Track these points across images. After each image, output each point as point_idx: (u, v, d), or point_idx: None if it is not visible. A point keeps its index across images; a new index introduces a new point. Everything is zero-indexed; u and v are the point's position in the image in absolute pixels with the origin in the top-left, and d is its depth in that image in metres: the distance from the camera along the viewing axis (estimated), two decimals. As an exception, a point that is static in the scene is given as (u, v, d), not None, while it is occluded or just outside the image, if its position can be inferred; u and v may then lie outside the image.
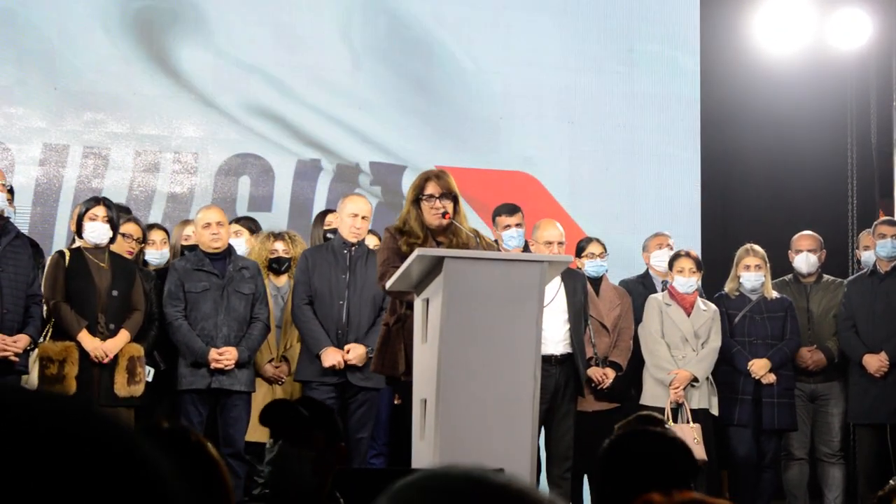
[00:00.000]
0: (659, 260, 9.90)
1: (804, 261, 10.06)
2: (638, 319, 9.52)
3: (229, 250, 8.86)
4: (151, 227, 9.57)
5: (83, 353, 8.25)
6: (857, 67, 12.14)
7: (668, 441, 3.75)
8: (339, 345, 8.66)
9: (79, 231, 8.51)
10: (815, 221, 10.69)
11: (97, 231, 8.43)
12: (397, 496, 1.53)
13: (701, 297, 9.59)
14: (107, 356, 8.27)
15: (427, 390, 6.53)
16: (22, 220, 10.04)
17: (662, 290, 9.65)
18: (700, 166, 11.82)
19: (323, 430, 4.48)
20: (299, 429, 4.44)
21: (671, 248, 9.84)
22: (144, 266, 9.11)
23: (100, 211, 8.46)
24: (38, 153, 10.57)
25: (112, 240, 8.55)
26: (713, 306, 9.53)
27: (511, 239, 9.25)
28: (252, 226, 9.71)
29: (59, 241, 9.99)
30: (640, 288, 9.83)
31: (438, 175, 7.40)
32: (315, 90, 11.11)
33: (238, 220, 9.72)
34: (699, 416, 9.24)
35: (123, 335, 8.39)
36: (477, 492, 1.52)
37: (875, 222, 10.16)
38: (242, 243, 9.37)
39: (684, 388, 9.24)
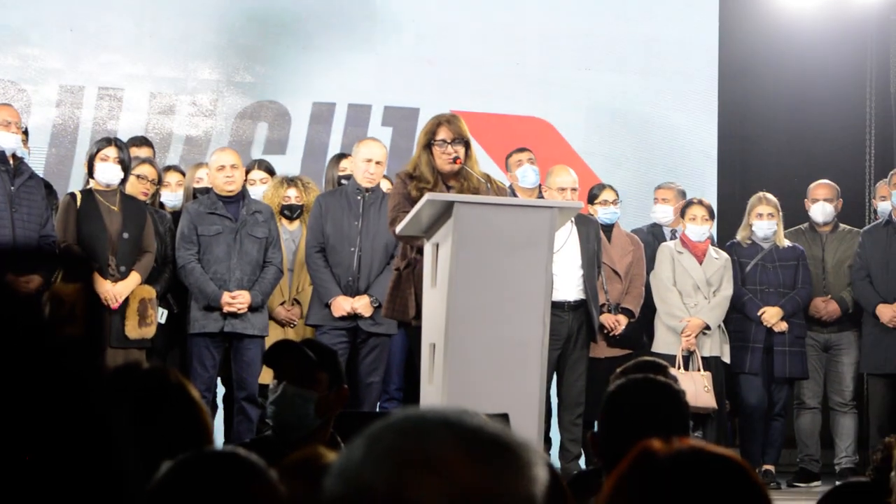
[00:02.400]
0: (662, 213, 9.89)
1: (820, 210, 10.02)
2: (648, 267, 9.51)
3: (243, 193, 8.84)
4: (168, 168, 9.55)
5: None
6: (878, 17, 12.04)
7: (660, 389, 3.78)
8: (350, 292, 8.66)
9: (90, 172, 8.52)
10: (833, 171, 10.64)
11: (108, 172, 8.43)
12: (373, 436, 1.54)
13: (713, 245, 9.58)
14: (117, 300, 8.29)
15: (436, 335, 6.54)
16: (38, 162, 10.07)
17: (671, 240, 9.64)
18: (717, 115, 11.76)
19: (326, 371, 4.52)
20: (303, 370, 4.47)
21: (676, 201, 9.82)
22: (161, 208, 9.11)
23: (111, 152, 8.45)
24: (54, 94, 10.58)
25: (124, 181, 8.55)
26: (725, 254, 9.52)
27: (525, 176, 9.26)
28: (271, 168, 9.69)
29: (75, 182, 9.99)
30: (650, 237, 9.83)
31: (450, 120, 7.37)
32: (331, 35, 11.06)
33: (258, 164, 9.66)
34: (710, 364, 9.25)
35: (134, 277, 8.41)
36: (447, 433, 1.52)
37: (891, 172, 10.11)
38: (260, 192, 9.31)
39: (696, 336, 9.25)
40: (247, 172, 9.18)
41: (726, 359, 9.41)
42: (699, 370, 9.14)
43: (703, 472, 2.02)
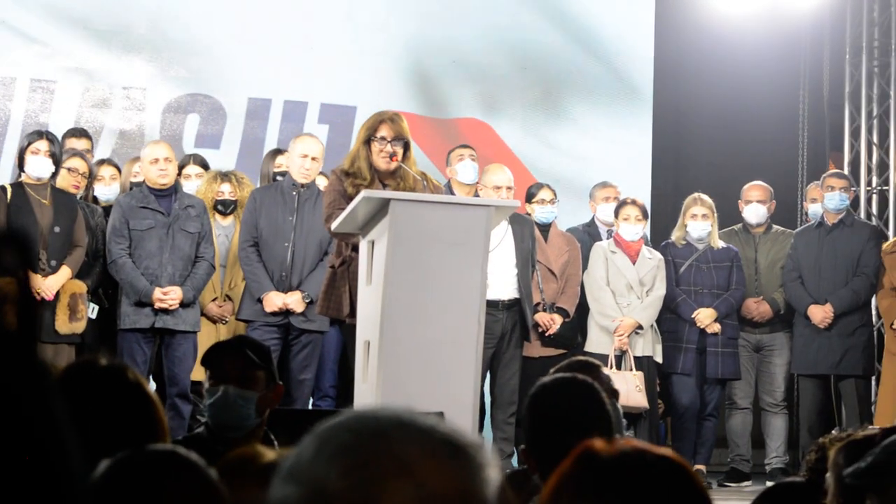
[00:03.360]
0: (605, 213, 9.90)
1: (754, 211, 10.09)
2: (584, 267, 9.53)
3: (175, 187, 8.77)
4: (102, 162, 9.45)
5: (23, 290, 8.16)
6: (812, 21, 12.14)
7: (581, 388, 3.83)
8: (282, 287, 8.63)
9: (21, 165, 8.43)
10: (766, 173, 10.71)
11: (39, 166, 8.33)
12: (325, 435, 1.51)
13: (647, 244, 9.62)
14: (48, 293, 8.21)
15: (371, 332, 6.52)
16: (-33, 154, 9.96)
17: (608, 239, 9.67)
18: (652, 115, 11.81)
19: (263, 369, 4.52)
20: (244, 371, 4.47)
21: (617, 202, 9.85)
22: (94, 202, 9.02)
23: (42, 145, 8.35)
24: (-16, 86, 10.46)
25: (55, 175, 8.45)
26: (658, 254, 9.56)
27: (465, 170, 9.27)
28: (205, 163, 9.62)
29: (3, 175, 9.87)
30: (586, 236, 9.84)
31: (393, 118, 7.35)
32: (270, 30, 11.00)
33: (192, 158, 9.59)
34: (643, 363, 9.29)
35: (65, 272, 8.32)
36: (403, 433, 1.50)
37: (823, 175, 10.20)
38: (194, 187, 9.24)
39: (628, 336, 9.28)
40: (181, 167, 9.11)
41: (658, 358, 9.45)
42: (631, 370, 9.18)
43: (645, 473, 2.03)
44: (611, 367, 8.98)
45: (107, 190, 9.20)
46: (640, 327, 9.32)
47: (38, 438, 1.07)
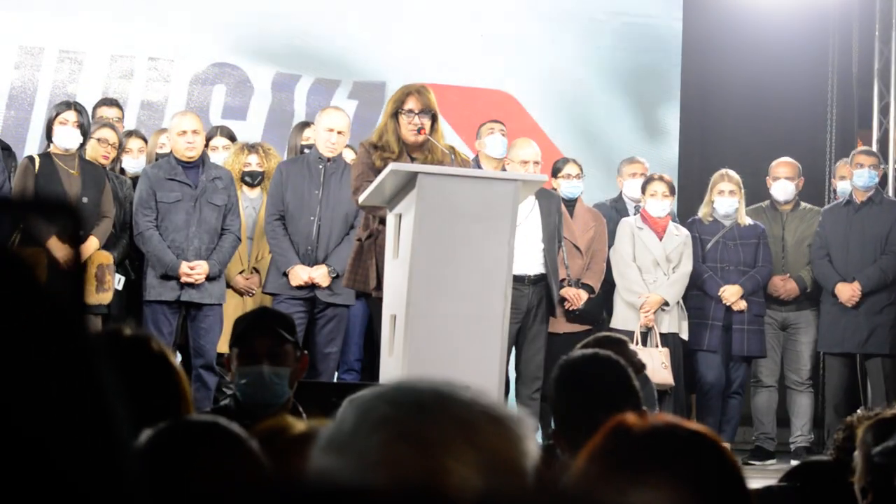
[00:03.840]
0: (632, 189, 9.87)
1: (781, 188, 10.04)
2: (610, 242, 9.51)
3: (202, 158, 8.77)
4: (130, 133, 9.47)
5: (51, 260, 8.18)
6: (842, -3, 12.05)
7: (605, 363, 3.84)
8: (308, 261, 8.62)
9: (49, 135, 8.44)
10: (794, 149, 10.66)
11: (67, 136, 8.35)
12: (365, 407, 1.51)
13: (674, 221, 9.59)
14: (74, 263, 8.22)
15: (397, 306, 6.52)
16: (-5, 124, 9.98)
17: (635, 215, 9.64)
18: (680, 90, 11.77)
19: (291, 343, 4.54)
20: (277, 348, 4.50)
21: (644, 178, 9.81)
22: (122, 174, 9.03)
23: (70, 116, 8.37)
24: (13, 56, 10.45)
25: (83, 145, 8.47)
26: (685, 231, 9.53)
27: (495, 144, 9.23)
28: (233, 135, 9.63)
29: (31, 146, 9.90)
30: (613, 212, 9.81)
31: (420, 90, 7.35)
32: (297, 4, 10.99)
33: (220, 130, 9.60)
34: (668, 340, 9.27)
35: (93, 242, 8.34)
36: (444, 405, 1.50)
37: (853, 152, 10.14)
38: (221, 158, 9.23)
39: (654, 312, 9.26)
40: (208, 139, 9.11)
41: (684, 335, 9.43)
42: (657, 346, 9.16)
43: (677, 447, 2.03)
44: (637, 344, 8.96)
45: (135, 162, 9.23)
46: (667, 304, 9.30)
47: (87, 410, 1.06)
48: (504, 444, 1.49)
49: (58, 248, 8.18)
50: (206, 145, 8.96)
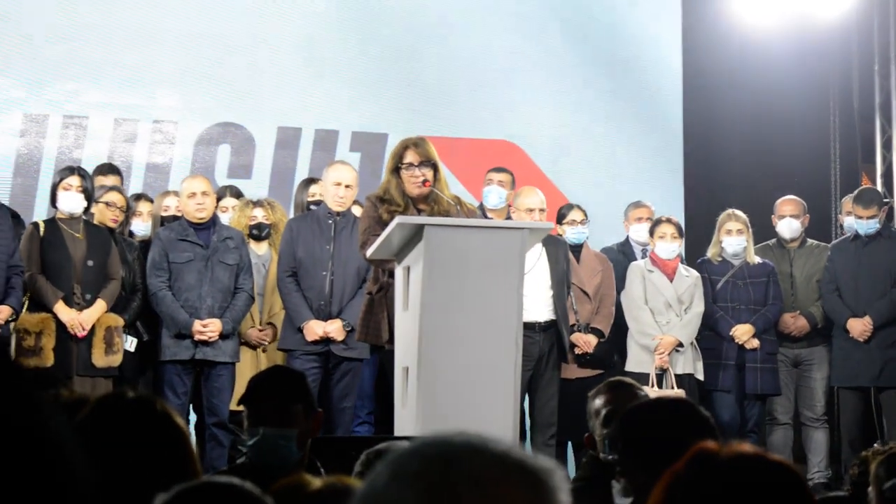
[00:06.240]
0: (638, 233, 9.89)
1: (787, 226, 10.05)
2: (618, 286, 9.51)
3: (213, 220, 8.82)
4: (139, 197, 9.52)
5: (60, 325, 8.23)
6: (840, 33, 12.09)
7: (682, 405, 3.76)
8: (322, 316, 8.63)
9: (53, 201, 8.49)
10: (799, 187, 10.68)
11: (71, 201, 8.40)
12: (397, 462, 1.51)
13: (682, 263, 9.60)
14: (83, 328, 8.25)
15: (409, 358, 6.52)
16: (3, 192, 10.02)
17: (642, 259, 9.65)
18: (682, 132, 11.80)
19: (301, 402, 4.48)
20: (280, 409, 4.43)
21: (650, 222, 9.82)
22: (130, 237, 9.07)
23: (74, 181, 8.42)
24: (18, 124, 10.51)
25: (87, 210, 8.51)
26: (694, 272, 9.53)
27: (488, 195, 9.29)
28: (241, 195, 9.68)
29: (39, 212, 9.93)
30: (620, 256, 9.82)
31: (417, 143, 7.36)
32: (296, 59, 11.06)
33: (229, 190, 9.66)
34: (684, 381, 9.24)
35: (100, 305, 8.37)
36: (478, 458, 1.50)
37: (853, 201, 10.12)
38: (227, 218, 9.29)
39: (669, 354, 9.24)
40: (217, 199, 9.16)
41: (700, 376, 9.40)
42: (673, 387, 9.14)
43: (761, 477, 2.02)
44: (652, 386, 8.95)
45: (143, 225, 9.28)
46: (681, 345, 9.29)
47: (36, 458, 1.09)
48: (538, 497, 1.50)
49: (63, 313, 8.24)
50: (216, 206, 9.00)
